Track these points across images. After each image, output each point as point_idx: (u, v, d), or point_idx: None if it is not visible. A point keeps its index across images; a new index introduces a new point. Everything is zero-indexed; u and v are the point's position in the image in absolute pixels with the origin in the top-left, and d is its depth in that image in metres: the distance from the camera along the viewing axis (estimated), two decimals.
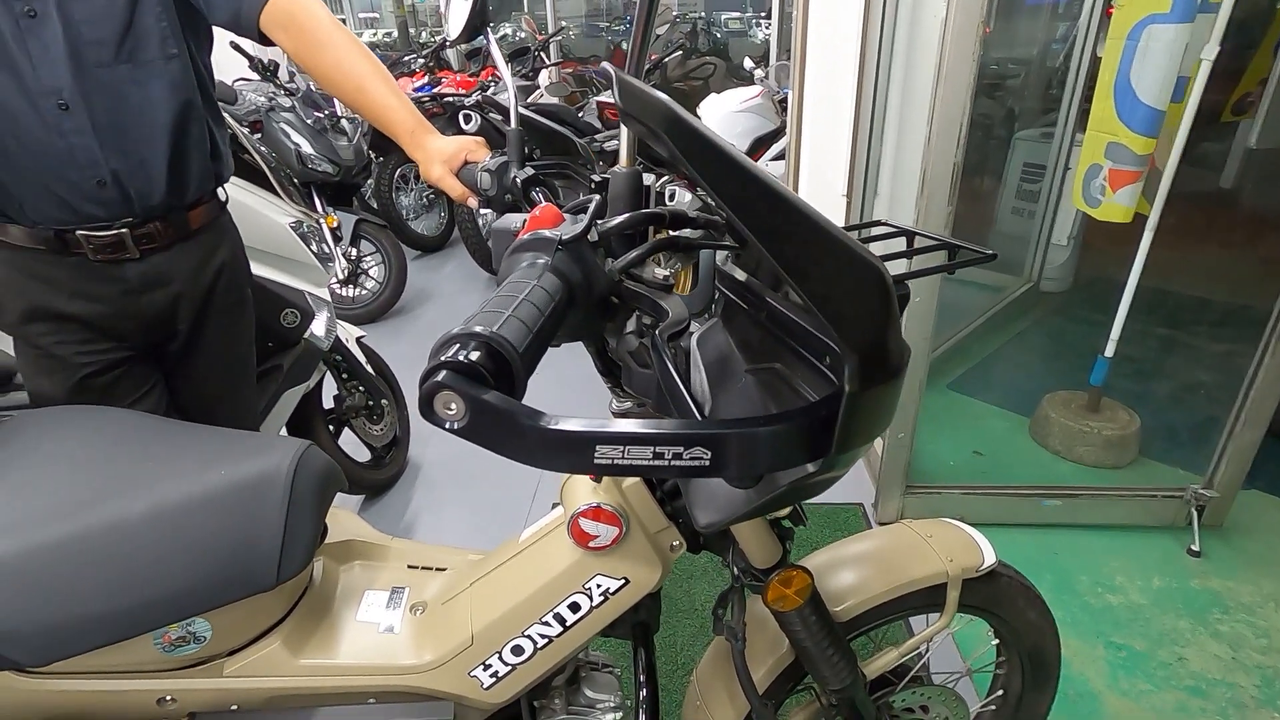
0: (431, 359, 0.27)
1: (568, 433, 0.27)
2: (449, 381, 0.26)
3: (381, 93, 0.95)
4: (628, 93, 0.29)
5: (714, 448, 0.27)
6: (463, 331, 0.27)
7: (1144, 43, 1.87)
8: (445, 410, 0.27)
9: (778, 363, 0.36)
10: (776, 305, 0.36)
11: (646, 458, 0.27)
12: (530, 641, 0.77)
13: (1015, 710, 1.08)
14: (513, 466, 1.87)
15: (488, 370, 0.27)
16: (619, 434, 0.27)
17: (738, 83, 6.23)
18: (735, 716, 0.88)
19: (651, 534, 0.75)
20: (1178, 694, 1.46)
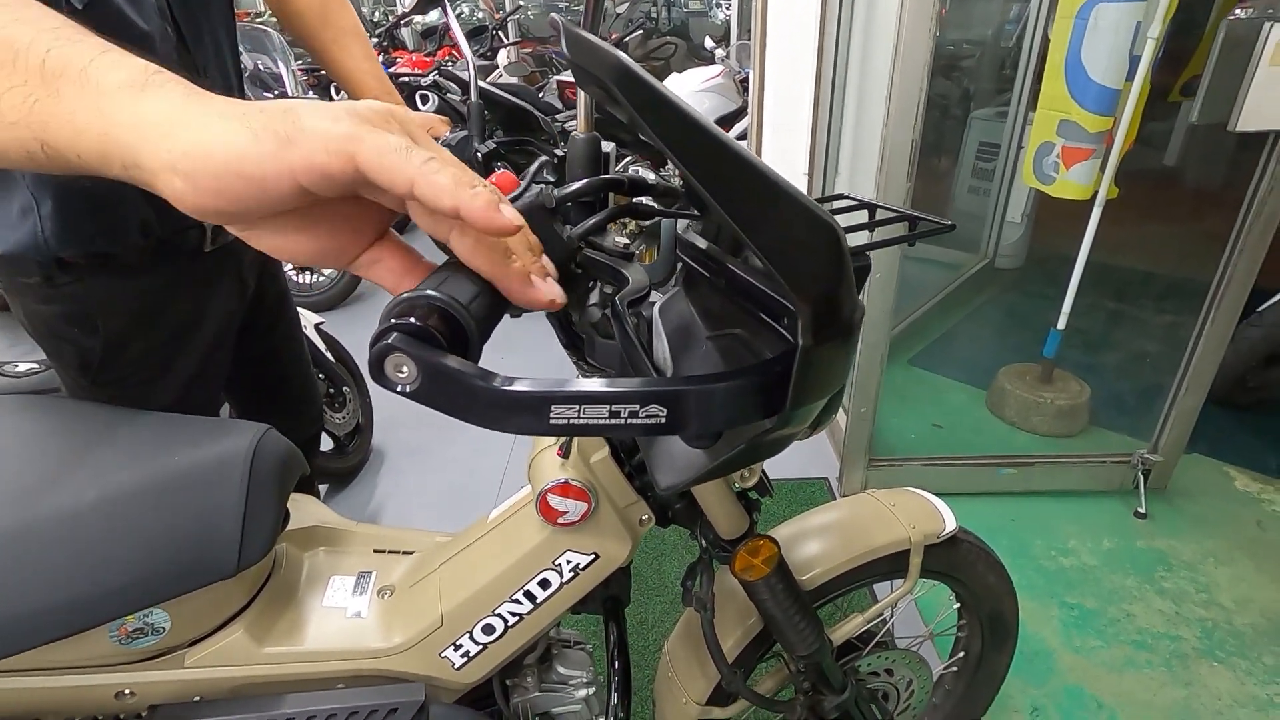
0: (382, 321, 0.27)
1: (521, 393, 0.27)
2: (399, 344, 0.26)
3: (358, 52, 0.93)
4: (576, 44, 0.28)
5: (670, 404, 0.27)
6: (412, 294, 0.27)
7: (1093, 21, 1.91)
8: (396, 373, 0.27)
9: (738, 328, 0.37)
10: (736, 270, 0.36)
11: (603, 417, 0.27)
12: (501, 620, 0.77)
13: (976, 670, 1.12)
14: (479, 451, 1.87)
15: (440, 333, 0.26)
16: (574, 393, 0.27)
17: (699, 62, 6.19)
18: (706, 686, 0.90)
19: (620, 508, 0.75)
20: (1125, 648, 1.53)
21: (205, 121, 0.28)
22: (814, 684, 0.90)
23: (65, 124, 0.29)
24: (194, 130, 0.27)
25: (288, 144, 0.27)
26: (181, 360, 0.88)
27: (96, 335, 0.81)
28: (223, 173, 0.27)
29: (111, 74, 0.29)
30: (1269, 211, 1.54)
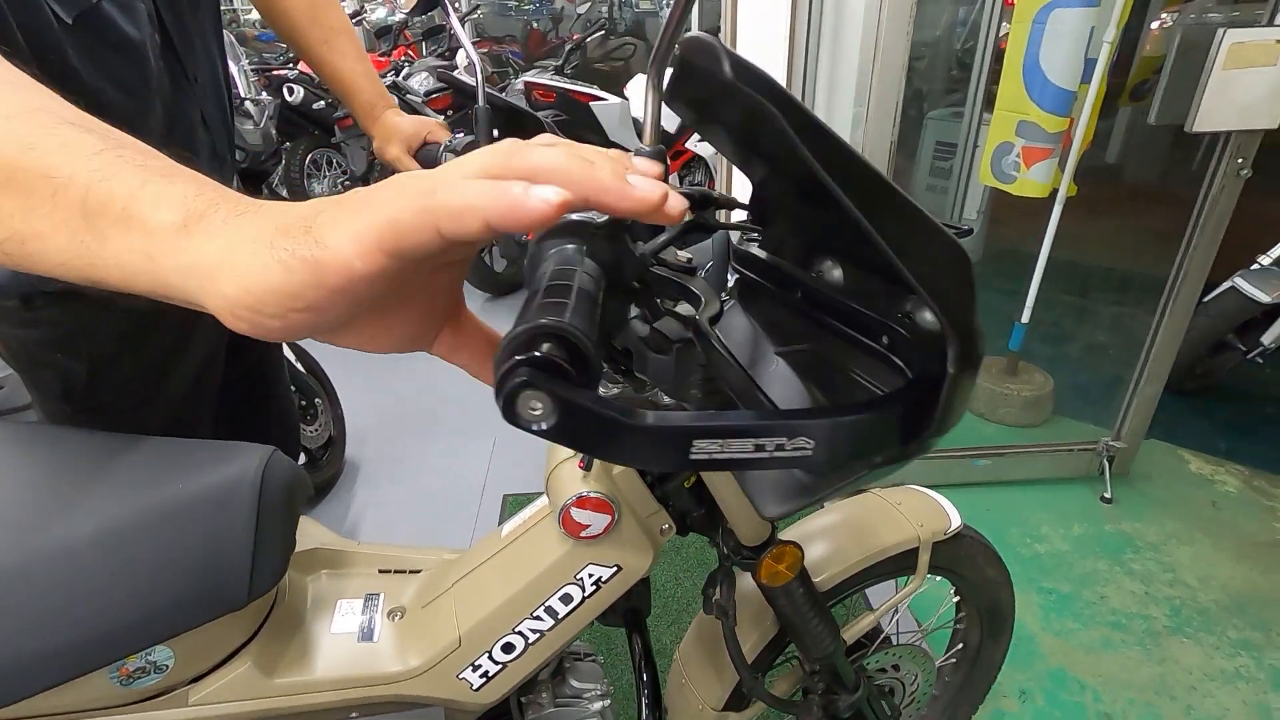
0: (504, 357, 0.25)
1: (664, 428, 0.26)
2: (533, 380, 0.24)
3: (349, 52, 0.89)
4: (739, 66, 0.27)
5: (819, 437, 0.26)
6: (533, 326, 0.25)
7: (1050, 25, 1.97)
8: (530, 411, 0.25)
9: (809, 344, 0.36)
10: (813, 285, 0.36)
11: (747, 450, 0.26)
12: (521, 638, 0.75)
13: (974, 661, 1.14)
14: (455, 460, 1.84)
15: (568, 364, 0.25)
16: (719, 427, 0.25)
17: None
18: (722, 692, 0.90)
19: (642, 519, 0.74)
20: (1102, 629, 1.59)
21: (246, 261, 0.26)
22: (828, 684, 0.90)
23: (114, 268, 0.28)
24: (239, 273, 0.26)
25: (318, 269, 0.26)
26: (170, 383, 0.83)
27: (81, 360, 0.75)
28: (274, 311, 0.26)
29: (155, 214, 0.28)
30: (1220, 210, 1.62)
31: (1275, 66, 1.40)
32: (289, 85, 3.59)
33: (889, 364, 0.31)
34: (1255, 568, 1.76)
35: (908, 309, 0.31)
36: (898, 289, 0.32)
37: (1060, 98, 1.99)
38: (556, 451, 0.77)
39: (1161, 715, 1.40)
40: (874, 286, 0.33)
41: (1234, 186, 1.57)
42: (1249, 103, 1.43)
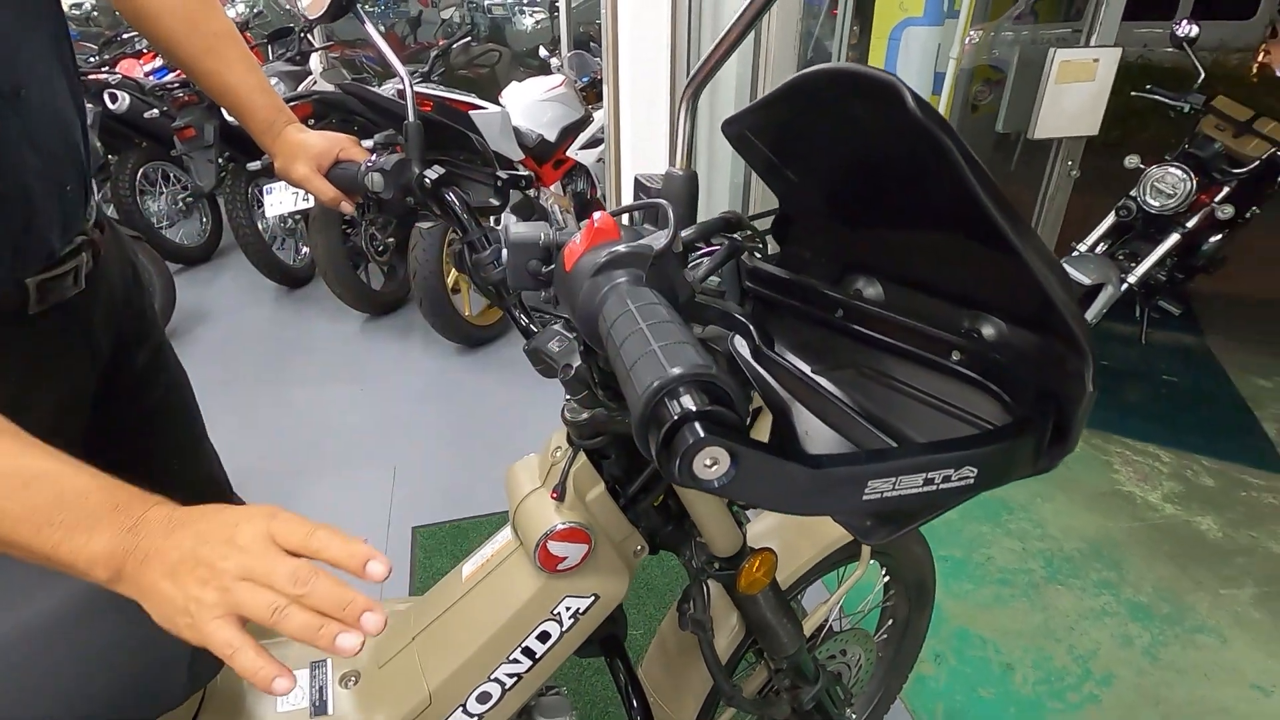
0: (655, 411, 0.23)
1: (841, 472, 0.25)
2: (712, 434, 0.22)
3: (237, 62, 0.78)
4: (923, 106, 0.27)
5: (980, 464, 0.26)
6: (687, 374, 0.23)
7: (904, 41, 2.16)
8: (707, 469, 0.23)
9: (860, 363, 0.36)
10: (857, 303, 0.36)
11: (917, 485, 0.25)
12: (498, 685, 0.71)
13: (904, 635, 1.22)
14: (345, 495, 1.72)
15: (736, 415, 0.23)
16: (890, 466, 0.25)
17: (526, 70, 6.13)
18: (694, 705, 0.90)
19: (616, 543, 0.72)
20: (992, 587, 1.76)
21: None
22: (792, 680, 0.93)
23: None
24: None
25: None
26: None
27: None
28: None
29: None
30: (1057, 205, 1.85)
31: (1094, 81, 1.61)
32: (110, 92, 3.18)
33: (964, 380, 0.31)
34: (1103, 515, 2.02)
35: (966, 325, 0.32)
36: (947, 305, 0.33)
37: None
38: (520, 483, 0.74)
39: (1051, 656, 1.56)
40: (919, 303, 0.34)
41: (1066, 185, 1.79)
42: (1076, 112, 1.64)
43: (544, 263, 0.42)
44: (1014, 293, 0.29)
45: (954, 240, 0.30)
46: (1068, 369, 0.28)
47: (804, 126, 0.35)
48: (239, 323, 3.23)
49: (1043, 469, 0.29)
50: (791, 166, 0.38)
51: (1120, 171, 2.55)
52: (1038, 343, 0.29)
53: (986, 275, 0.29)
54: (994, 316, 0.30)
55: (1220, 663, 1.56)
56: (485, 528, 1.89)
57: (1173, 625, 1.66)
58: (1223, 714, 1.45)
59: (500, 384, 2.69)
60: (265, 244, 3.25)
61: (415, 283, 2.59)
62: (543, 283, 0.42)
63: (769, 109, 0.35)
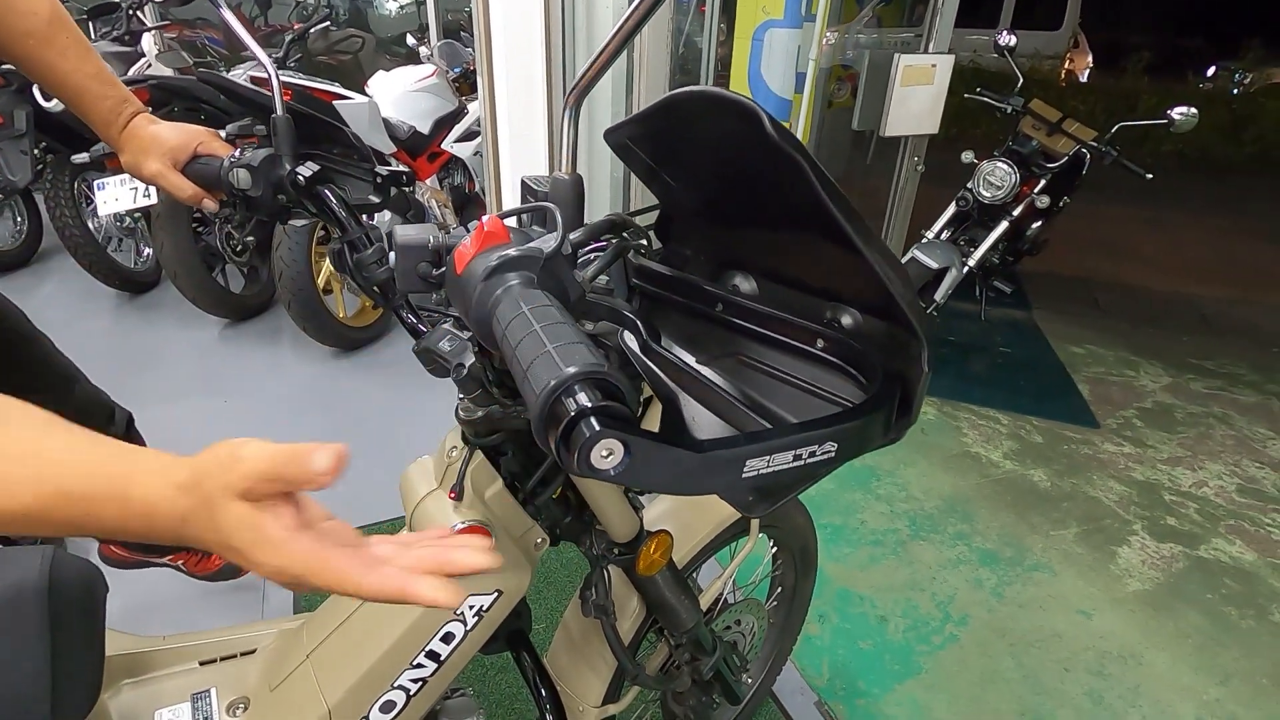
0: (553, 409, 0.24)
1: (722, 455, 0.27)
2: (606, 428, 0.24)
3: (69, 50, 0.70)
4: (778, 128, 0.29)
5: (839, 439, 0.29)
6: (580, 373, 0.25)
7: (767, 42, 2.27)
8: (603, 459, 0.25)
9: (739, 352, 0.40)
10: (734, 297, 0.39)
11: (787, 461, 0.28)
12: (402, 692, 0.70)
13: (792, 599, 1.31)
14: None
15: (625, 405, 0.25)
16: (765, 446, 0.28)
17: (390, 59, 5.84)
18: (601, 687, 0.92)
19: (517, 537, 0.73)
20: (867, 549, 1.92)
21: None
22: (692, 653, 0.98)
23: None
24: None
25: None
26: None
27: None
28: None
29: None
30: (907, 197, 2.03)
31: (933, 85, 1.78)
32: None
33: (827, 365, 0.36)
34: (955, 474, 2.26)
35: (828, 315, 0.36)
36: (812, 299, 0.37)
37: (780, 105, 2.30)
38: (416, 485, 0.73)
39: (918, 605, 1.73)
40: (788, 297, 0.38)
41: (914, 179, 1.97)
42: (919, 113, 1.81)
43: (434, 265, 0.42)
44: (862, 286, 0.33)
45: (814, 241, 0.33)
46: (910, 353, 0.32)
47: (679, 138, 0.37)
48: (72, 335, 2.85)
49: (891, 440, 0.34)
50: (669, 172, 0.41)
51: (958, 164, 2.83)
52: (886, 330, 0.33)
53: (842, 272, 0.34)
54: (851, 308, 0.34)
55: (1053, 594, 1.80)
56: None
57: (1014, 566, 1.89)
58: (1056, 638, 1.67)
59: (381, 387, 2.58)
60: (99, 246, 2.92)
61: (282, 284, 2.43)
62: (433, 285, 0.42)
63: (646, 121, 0.38)
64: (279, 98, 0.67)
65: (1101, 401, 2.79)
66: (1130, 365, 3.12)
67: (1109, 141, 2.69)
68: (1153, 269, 4.47)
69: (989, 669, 1.58)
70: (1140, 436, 2.57)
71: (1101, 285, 4.10)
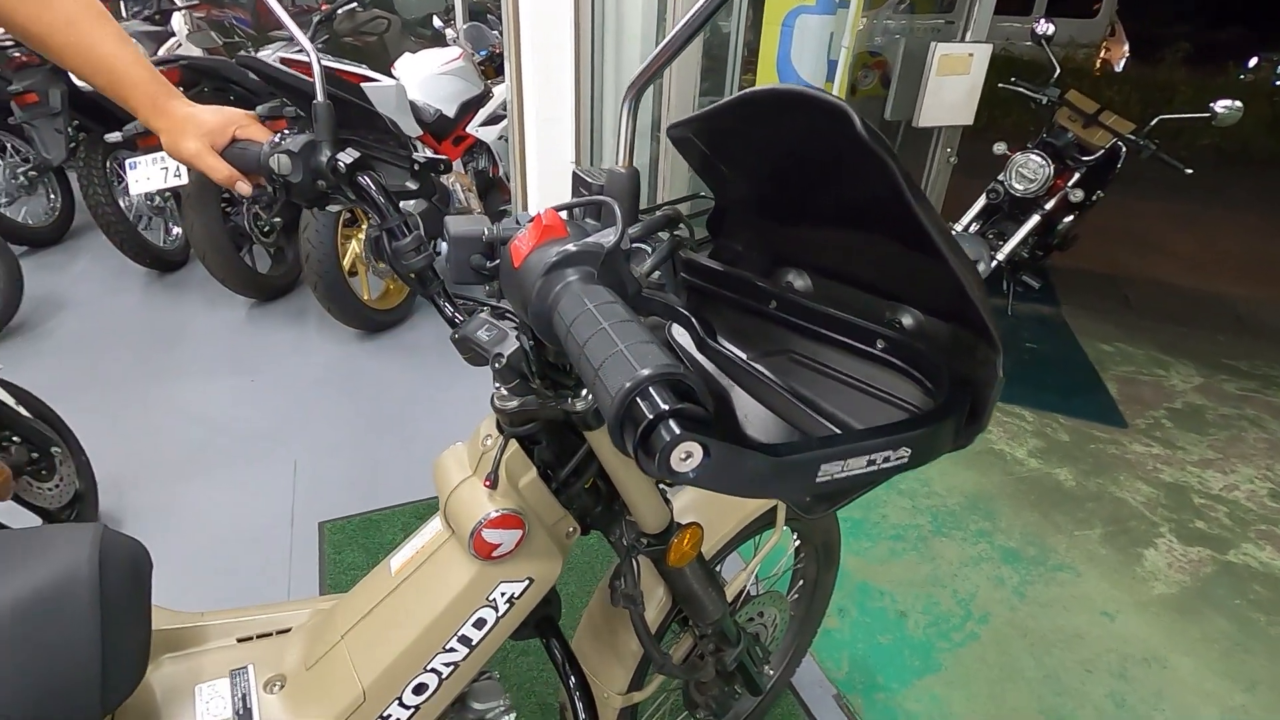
0: (630, 410, 0.24)
1: (796, 460, 0.27)
2: (687, 430, 0.24)
3: (109, 37, 0.70)
4: (873, 133, 0.29)
5: (913, 445, 0.29)
6: (656, 374, 0.25)
7: (798, 28, 2.24)
8: (682, 462, 0.25)
9: (792, 349, 0.39)
10: (790, 295, 0.39)
11: (861, 467, 0.28)
12: (435, 675, 0.71)
13: (814, 593, 1.31)
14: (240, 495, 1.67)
15: (706, 410, 0.25)
16: (840, 450, 0.27)
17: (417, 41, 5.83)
18: (625, 675, 0.93)
19: (549, 526, 0.74)
20: (887, 543, 1.91)
21: None
22: (716, 644, 0.98)
23: None
24: None
25: None
26: None
27: None
28: None
29: None
30: (938, 189, 1.99)
31: (969, 75, 1.75)
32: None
33: (885, 365, 0.35)
34: (979, 471, 2.23)
35: (888, 315, 0.35)
36: (871, 298, 0.36)
37: None
38: (450, 472, 0.73)
39: (939, 601, 1.73)
40: (845, 295, 0.37)
41: (946, 171, 1.93)
42: (954, 103, 1.77)
43: (486, 257, 0.42)
44: (930, 288, 0.32)
45: (876, 239, 0.33)
46: (979, 357, 0.32)
47: (746, 134, 0.37)
48: (103, 312, 2.93)
49: (960, 445, 0.33)
50: (728, 166, 0.40)
51: (988, 155, 2.78)
52: (950, 332, 0.33)
53: (905, 272, 0.33)
54: (913, 308, 0.34)
55: (1076, 595, 1.78)
56: (397, 519, 1.85)
57: (1037, 565, 1.87)
58: (1078, 638, 1.65)
59: (404, 370, 2.60)
60: (130, 224, 2.96)
61: (308, 265, 2.45)
62: (486, 277, 0.42)
63: (717, 118, 0.37)
64: (320, 83, 0.67)
65: (1130, 401, 2.74)
66: (1160, 364, 3.06)
67: (1147, 135, 2.63)
68: (1186, 266, 4.37)
69: (1009, 667, 1.57)
70: (1170, 437, 2.52)
71: (1132, 282, 4.02)
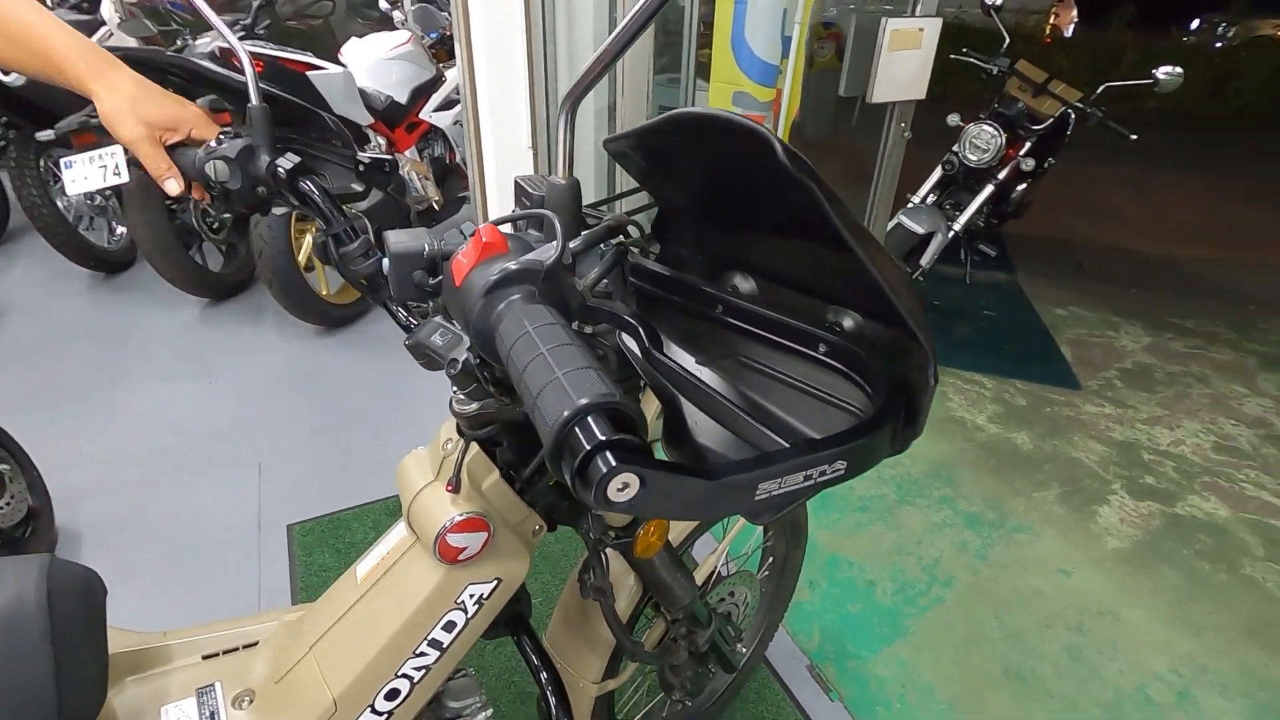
0: (567, 439, 0.24)
1: (735, 480, 0.27)
2: (623, 462, 0.24)
3: (28, 6, 0.65)
4: (795, 158, 0.29)
5: (849, 458, 0.29)
6: (592, 404, 0.25)
7: (751, 4, 2.22)
8: (619, 492, 0.25)
9: (739, 353, 0.40)
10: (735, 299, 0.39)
11: (798, 483, 0.28)
12: (406, 680, 0.71)
13: (783, 569, 1.34)
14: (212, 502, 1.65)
15: (639, 439, 0.25)
16: (777, 469, 0.28)
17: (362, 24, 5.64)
18: (599, 664, 0.94)
19: (515, 525, 0.74)
20: (854, 514, 1.95)
21: None
22: (688, 628, 1.00)
23: None
24: None
25: None
26: None
27: None
28: None
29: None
30: (893, 162, 2.01)
31: (920, 49, 1.76)
32: None
33: (829, 368, 0.36)
34: (942, 439, 2.29)
35: (829, 318, 0.36)
36: (813, 300, 0.37)
37: (766, 71, 2.26)
38: (412, 478, 0.73)
39: (904, 569, 1.78)
40: (788, 298, 0.38)
41: (901, 145, 1.95)
42: (906, 78, 1.79)
43: (429, 273, 0.41)
44: (866, 292, 0.33)
45: (812, 245, 0.33)
46: (915, 360, 0.32)
47: (677, 150, 0.37)
48: (47, 319, 2.82)
49: (896, 452, 0.34)
50: (666, 179, 0.40)
51: (944, 125, 2.81)
52: (888, 335, 0.34)
53: (844, 275, 0.33)
54: (852, 311, 0.34)
55: (1034, 555, 1.85)
56: (368, 517, 1.83)
57: (997, 528, 1.93)
58: (1038, 596, 1.72)
59: (368, 364, 2.56)
60: (69, 225, 2.84)
61: (262, 262, 2.38)
62: (429, 294, 0.42)
63: (649, 135, 0.37)
64: (254, 85, 0.65)
65: (1083, 363, 2.84)
66: (1111, 326, 3.16)
67: (1094, 102, 2.68)
68: (1135, 230, 4.50)
69: (973, 629, 1.63)
70: (1120, 397, 2.62)
71: (1084, 247, 4.13)
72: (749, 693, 1.45)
